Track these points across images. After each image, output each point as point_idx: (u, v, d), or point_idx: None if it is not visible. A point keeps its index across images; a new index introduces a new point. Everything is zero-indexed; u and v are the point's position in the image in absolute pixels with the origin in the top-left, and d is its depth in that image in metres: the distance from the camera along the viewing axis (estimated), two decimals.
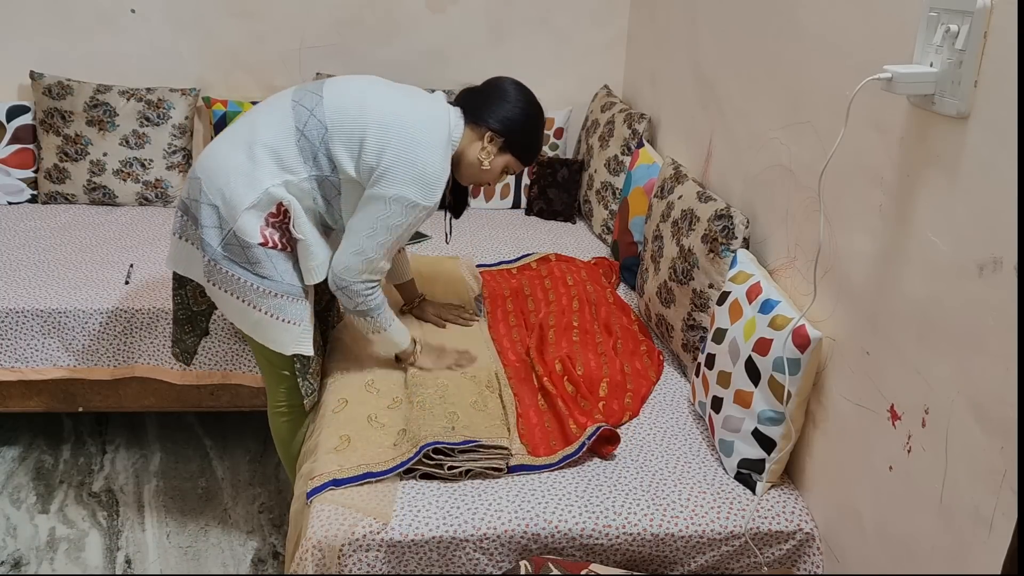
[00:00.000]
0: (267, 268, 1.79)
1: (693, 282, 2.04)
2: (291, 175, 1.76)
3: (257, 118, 1.82)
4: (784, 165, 1.84)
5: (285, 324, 1.84)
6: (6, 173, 3.06)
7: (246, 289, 1.80)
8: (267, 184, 1.75)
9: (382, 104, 1.79)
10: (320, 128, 1.75)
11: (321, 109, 1.76)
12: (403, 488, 1.67)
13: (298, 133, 1.76)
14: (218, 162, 1.79)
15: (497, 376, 2.01)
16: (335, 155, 1.76)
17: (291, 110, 1.78)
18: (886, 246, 1.42)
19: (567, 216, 3.19)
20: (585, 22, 3.34)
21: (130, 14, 3.16)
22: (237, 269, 1.78)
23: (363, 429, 1.80)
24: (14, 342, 2.38)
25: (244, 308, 1.82)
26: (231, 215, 1.75)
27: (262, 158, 1.76)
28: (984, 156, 1.18)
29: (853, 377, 1.54)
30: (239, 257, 1.78)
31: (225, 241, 1.77)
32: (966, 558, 1.23)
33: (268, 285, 1.80)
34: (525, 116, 1.90)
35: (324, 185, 1.79)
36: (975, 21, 1.17)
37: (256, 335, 1.87)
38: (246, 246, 1.76)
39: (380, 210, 1.76)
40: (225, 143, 1.82)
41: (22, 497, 2.46)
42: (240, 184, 1.75)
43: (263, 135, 1.77)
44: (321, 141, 1.75)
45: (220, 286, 1.81)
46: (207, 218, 1.77)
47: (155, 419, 2.80)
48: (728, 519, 1.65)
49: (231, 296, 1.81)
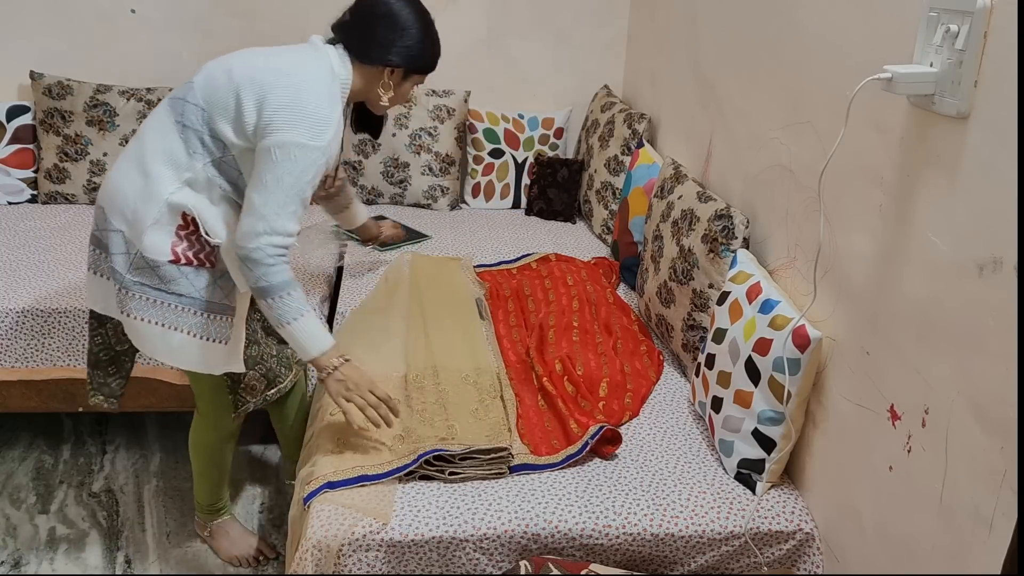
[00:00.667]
0: (183, 286, 1.71)
1: (693, 282, 2.04)
2: (188, 172, 1.68)
3: (142, 132, 1.75)
4: (784, 165, 1.84)
5: (209, 343, 1.76)
6: (6, 173, 3.05)
7: (162, 311, 1.72)
8: (165, 194, 1.68)
9: (248, 63, 1.70)
10: (198, 111, 1.68)
11: (193, 94, 1.69)
12: (403, 488, 1.67)
13: (179, 126, 1.68)
14: (115, 186, 1.73)
15: (499, 377, 2.01)
16: (219, 131, 1.66)
17: (168, 108, 1.72)
18: (886, 246, 1.42)
19: (567, 216, 3.19)
20: (585, 22, 3.34)
21: (130, 14, 3.16)
22: (150, 292, 1.71)
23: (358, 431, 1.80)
24: (14, 342, 2.38)
25: (163, 333, 1.73)
26: (136, 236, 1.69)
27: (154, 168, 1.68)
28: (984, 156, 1.18)
29: (853, 377, 1.54)
30: (150, 279, 1.71)
31: (133, 265, 1.70)
32: (966, 558, 1.23)
33: (186, 303, 1.72)
34: (409, 32, 1.74)
35: (222, 167, 1.70)
36: (975, 21, 1.17)
37: (179, 362, 1.79)
38: (156, 265, 1.69)
39: (267, 163, 1.62)
40: (119, 167, 1.75)
41: (22, 497, 2.45)
42: (140, 202, 1.69)
43: (149, 145, 1.71)
44: (203, 123, 1.67)
45: (135, 314, 1.73)
46: (115, 245, 1.71)
47: (155, 419, 2.80)
48: (728, 519, 1.65)
49: (147, 323, 1.73)
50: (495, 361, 2.09)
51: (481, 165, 3.26)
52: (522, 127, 3.26)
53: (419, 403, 1.88)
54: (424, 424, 1.79)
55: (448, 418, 1.82)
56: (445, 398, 1.89)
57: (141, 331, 1.75)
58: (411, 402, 1.88)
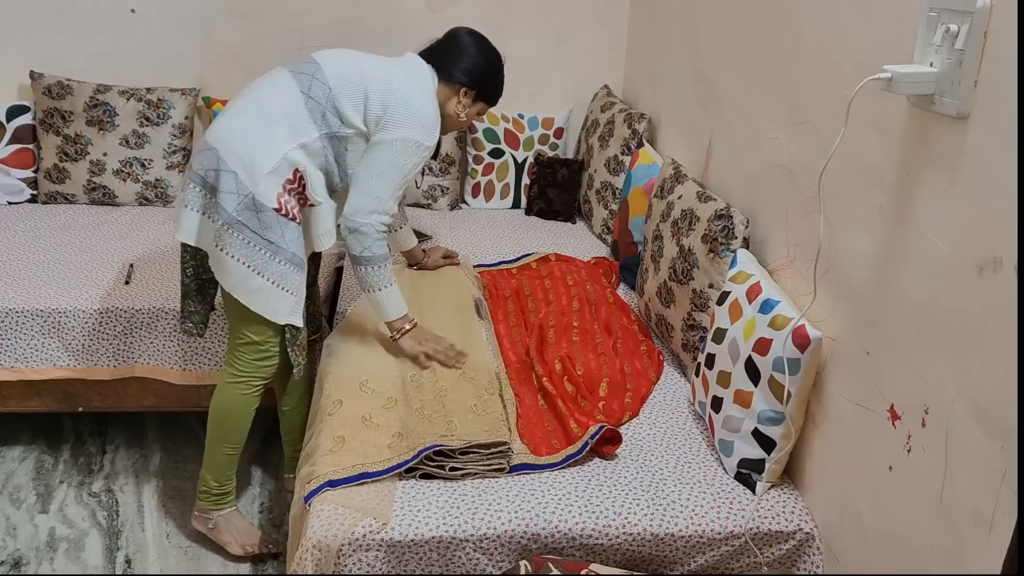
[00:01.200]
0: (276, 234, 1.87)
1: (693, 282, 2.04)
2: (305, 137, 1.89)
3: (259, 93, 1.93)
4: (784, 165, 1.84)
5: (283, 292, 1.91)
6: (6, 173, 3.05)
7: (253, 253, 1.87)
8: (285, 149, 1.86)
9: (375, 66, 1.99)
10: (325, 89, 1.91)
11: (322, 73, 1.92)
12: (403, 488, 1.67)
13: (305, 96, 1.90)
14: (233, 132, 1.89)
15: (498, 376, 2.01)
16: (342, 110, 1.91)
17: (292, 79, 1.92)
18: (886, 246, 1.42)
19: (567, 216, 3.19)
20: (585, 22, 3.34)
21: (130, 14, 3.16)
22: (248, 233, 1.86)
23: (358, 430, 1.80)
24: (14, 342, 2.38)
25: (247, 274, 1.88)
26: (252, 180, 1.85)
27: (275, 125, 1.87)
28: (984, 156, 1.18)
29: (853, 377, 1.54)
30: (251, 222, 1.86)
31: (241, 205, 1.85)
32: (966, 558, 1.23)
33: (273, 251, 1.88)
34: (487, 64, 2.11)
35: (334, 142, 1.93)
36: (975, 21, 1.17)
37: (253, 303, 1.91)
38: (262, 209, 1.85)
39: (386, 152, 1.93)
40: (235, 116, 1.91)
41: (22, 497, 2.46)
42: (259, 150, 1.86)
43: (271, 104, 1.90)
44: (327, 100, 1.91)
45: (228, 251, 1.87)
46: (225, 184, 1.85)
47: (155, 419, 2.80)
48: (728, 519, 1.65)
49: (236, 261, 1.87)
50: (495, 361, 2.09)
51: (481, 165, 3.26)
52: (522, 127, 3.26)
53: (417, 400, 1.88)
54: (423, 421, 1.80)
55: (447, 415, 1.82)
56: (444, 395, 1.90)
57: (228, 267, 1.89)
58: (410, 400, 1.88)
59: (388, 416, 1.84)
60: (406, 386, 1.94)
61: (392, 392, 1.92)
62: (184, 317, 2.13)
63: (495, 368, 2.05)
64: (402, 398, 1.90)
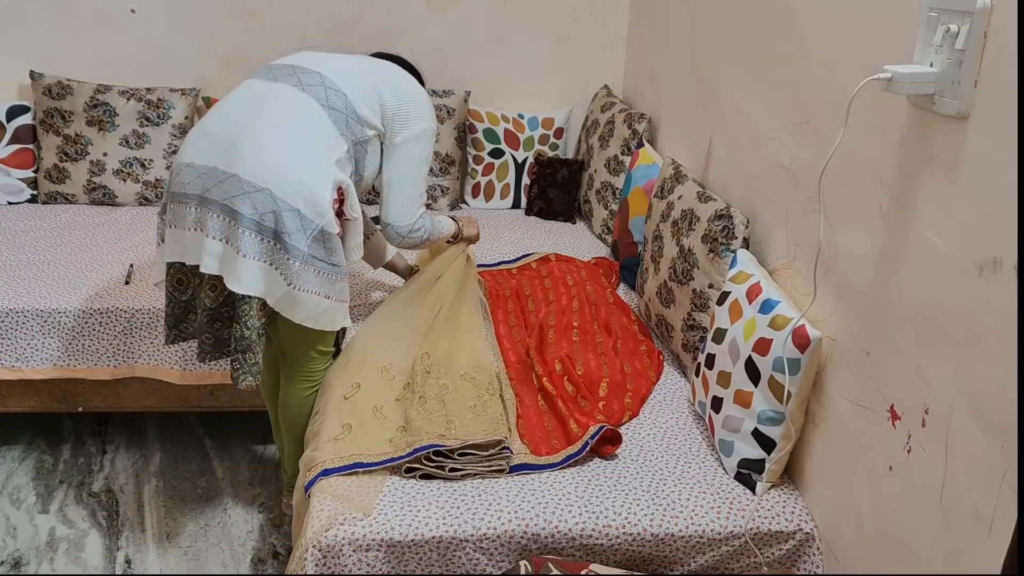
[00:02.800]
0: (339, 255, 1.87)
1: (693, 282, 2.04)
2: (339, 151, 1.87)
3: (280, 114, 1.83)
4: (784, 165, 1.84)
5: (342, 304, 1.92)
6: (6, 173, 3.06)
7: (322, 280, 1.84)
8: (330, 171, 1.84)
9: (364, 65, 2.02)
10: (340, 96, 1.89)
11: (330, 80, 1.90)
12: (403, 488, 1.67)
13: (327, 109, 1.87)
14: (280, 166, 1.78)
15: (498, 376, 2.01)
16: (362, 114, 1.91)
17: (303, 92, 1.87)
18: (886, 246, 1.42)
19: (567, 216, 3.19)
20: (585, 22, 3.34)
21: (130, 14, 3.16)
22: (319, 264, 1.83)
23: (366, 419, 1.81)
24: (14, 342, 2.38)
25: (318, 301, 1.85)
26: (317, 213, 1.80)
27: (315, 147, 1.84)
28: (984, 156, 1.18)
29: (853, 377, 1.54)
30: (319, 253, 1.82)
31: (311, 239, 1.80)
32: (966, 558, 1.23)
33: (337, 272, 1.87)
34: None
35: (357, 148, 1.93)
36: (975, 21, 1.17)
37: (320, 323, 1.89)
38: (328, 238, 1.82)
39: (413, 148, 1.98)
40: (275, 150, 1.79)
41: (22, 497, 2.45)
42: (313, 180, 1.80)
43: (302, 124, 1.84)
44: (346, 107, 1.89)
45: (304, 287, 1.80)
46: (291, 223, 1.76)
47: (155, 419, 2.80)
48: (728, 519, 1.65)
49: (313, 295, 1.83)
50: (495, 361, 2.09)
51: (481, 165, 3.26)
52: (522, 127, 3.26)
53: (421, 389, 1.89)
54: (424, 416, 1.80)
55: (447, 414, 1.82)
56: (445, 393, 1.90)
57: (304, 302, 1.83)
58: (415, 387, 1.90)
59: (397, 409, 1.86)
60: (415, 373, 1.95)
61: (407, 379, 1.96)
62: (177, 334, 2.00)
63: (495, 368, 2.05)
64: (412, 385, 1.92)
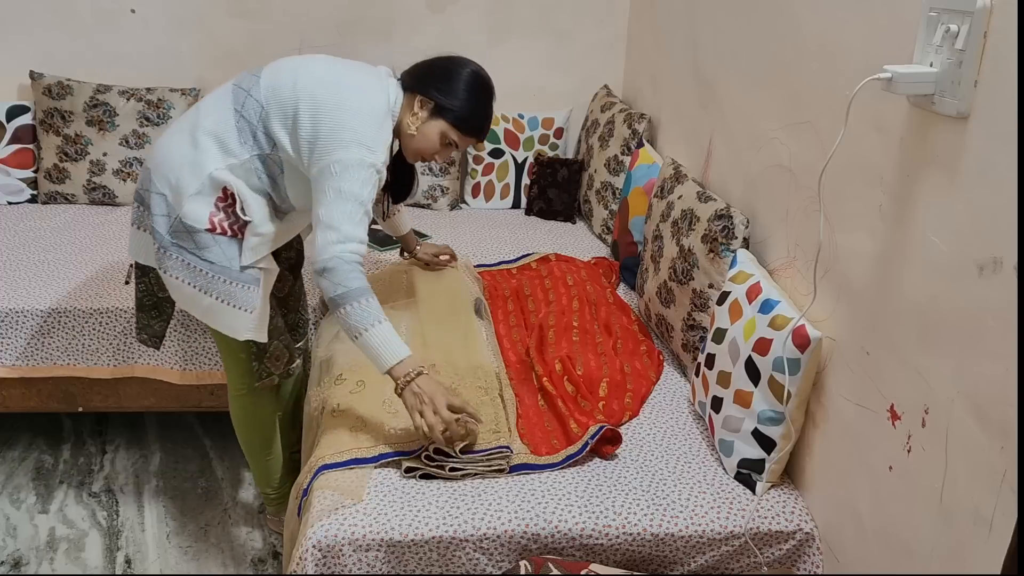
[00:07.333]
0: (215, 254, 1.79)
1: (693, 282, 2.04)
2: (233, 158, 1.78)
3: (201, 106, 1.85)
4: (784, 165, 1.84)
5: (236, 310, 1.83)
6: (6, 173, 3.06)
7: (195, 274, 1.81)
8: (210, 169, 1.76)
9: (314, 77, 1.77)
10: (257, 107, 1.77)
11: (257, 89, 1.79)
12: (403, 488, 1.67)
13: (237, 115, 1.78)
14: (164, 151, 1.83)
15: (498, 376, 2.01)
16: (273, 132, 1.76)
17: (230, 94, 1.81)
18: (886, 246, 1.42)
19: (567, 216, 3.19)
20: (585, 22, 3.34)
21: (130, 14, 3.16)
22: (186, 255, 1.80)
23: (376, 413, 1.81)
24: (14, 342, 2.38)
25: (195, 294, 1.82)
26: (178, 202, 1.78)
27: (205, 144, 1.78)
28: (984, 156, 1.18)
29: (853, 377, 1.54)
30: (187, 243, 1.79)
31: (173, 228, 1.79)
32: (966, 558, 1.23)
33: (217, 271, 1.80)
34: (463, 83, 1.83)
35: (267, 163, 1.79)
36: (975, 21, 1.17)
37: (209, 320, 1.88)
38: (193, 231, 1.78)
39: (328, 178, 1.69)
40: (172, 133, 1.86)
41: (22, 497, 2.46)
42: (185, 171, 1.78)
43: (204, 121, 1.80)
44: (259, 120, 1.77)
45: (171, 272, 1.82)
46: (157, 207, 1.81)
47: (155, 419, 2.80)
48: (728, 519, 1.65)
49: (181, 283, 1.82)
50: (495, 361, 2.09)
51: (481, 165, 3.26)
52: (522, 127, 3.26)
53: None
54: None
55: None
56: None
57: (176, 287, 1.85)
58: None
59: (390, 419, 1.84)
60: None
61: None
62: (139, 329, 2.08)
63: (495, 368, 2.04)
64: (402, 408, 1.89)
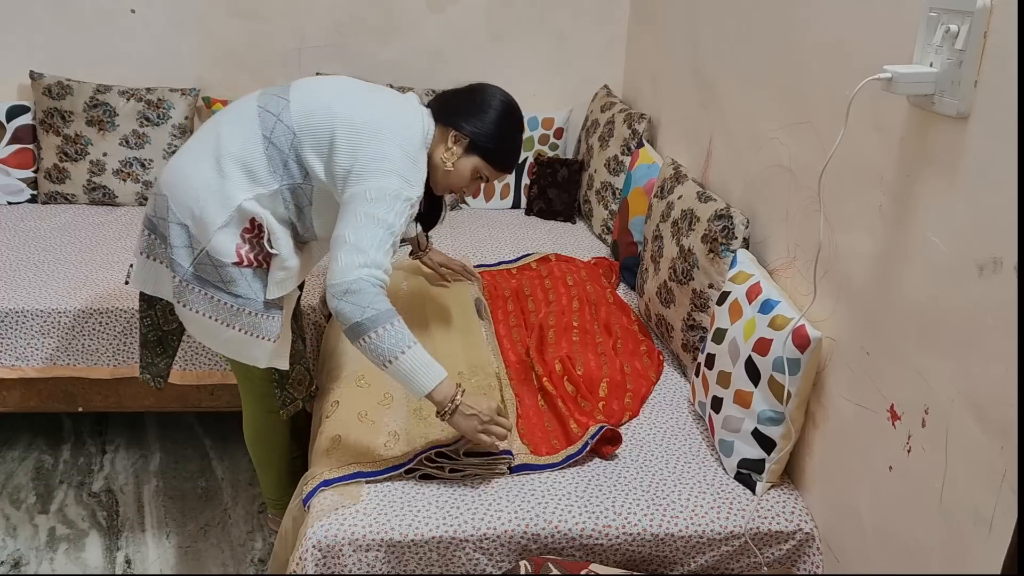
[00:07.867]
0: (242, 287, 1.71)
1: (693, 282, 2.04)
2: (262, 187, 1.67)
3: (222, 128, 1.71)
4: (784, 165, 1.84)
5: (259, 340, 1.76)
6: (6, 173, 3.06)
7: (218, 308, 1.72)
8: (239, 200, 1.66)
9: (350, 104, 1.70)
10: (288, 134, 1.66)
11: (288, 114, 1.68)
12: (403, 488, 1.67)
13: (266, 141, 1.67)
14: (183, 178, 1.71)
15: (498, 376, 2.01)
16: (306, 160, 1.67)
17: (257, 117, 1.69)
18: (886, 246, 1.42)
19: (567, 216, 3.19)
20: (585, 22, 3.34)
21: (130, 14, 3.16)
22: (210, 289, 1.71)
23: (353, 427, 1.80)
24: (14, 342, 2.38)
25: (216, 327, 1.74)
26: (203, 234, 1.68)
27: (231, 172, 1.66)
28: (984, 156, 1.18)
29: (853, 377, 1.54)
30: (212, 276, 1.70)
31: (197, 261, 1.70)
32: (966, 558, 1.23)
33: (242, 304, 1.72)
34: (496, 116, 1.79)
35: (296, 193, 1.70)
36: (975, 21, 1.17)
37: (229, 352, 1.81)
38: (219, 265, 1.68)
39: (362, 203, 1.61)
40: (190, 157, 1.73)
41: (22, 497, 2.46)
42: (211, 202, 1.66)
43: (230, 146, 1.68)
44: (291, 147, 1.67)
45: (191, 307, 1.73)
46: (177, 238, 1.69)
47: (155, 419, 2.80)
48: (728, 519, 1.65)
49: (203, 316, 1.74)
50: (495, 361, 2.09)
51: None
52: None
53: (415, 401, 1.88)
54: (421, 422, 1.80)
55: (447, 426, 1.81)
56: None
57: (195, 321, 1.76)
58: (409, 401, 1.88)
59: (383, 413, 1.85)
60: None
61: (388, 388, 1.92)
62: (143, 368, 1.99)
63: (495, 368, 2.04)
64: (400, 396, 1.90)
